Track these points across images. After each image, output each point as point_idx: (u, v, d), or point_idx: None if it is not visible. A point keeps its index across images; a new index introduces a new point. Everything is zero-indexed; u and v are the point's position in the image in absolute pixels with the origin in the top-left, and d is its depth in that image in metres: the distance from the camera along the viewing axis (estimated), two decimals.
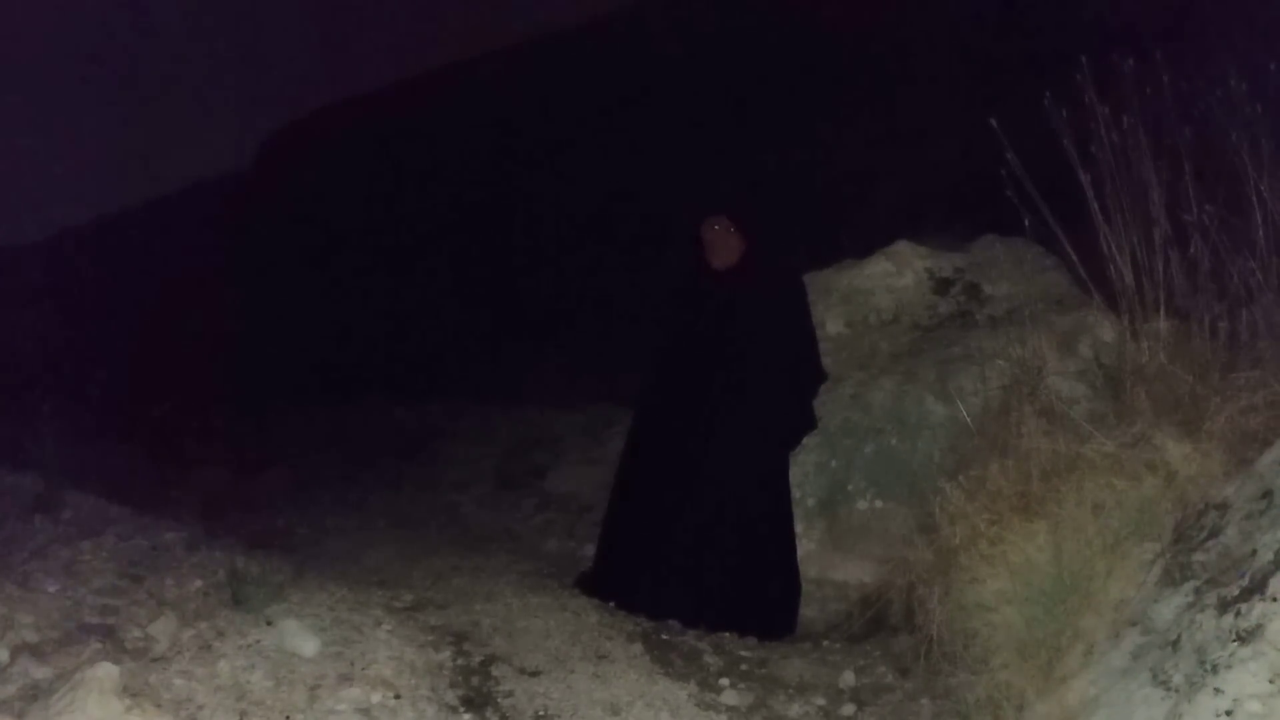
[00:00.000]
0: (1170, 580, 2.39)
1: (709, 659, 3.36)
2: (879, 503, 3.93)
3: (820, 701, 3.04)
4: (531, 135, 14.53)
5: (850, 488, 3.98)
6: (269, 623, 2.88)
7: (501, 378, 9.04)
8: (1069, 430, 2.88)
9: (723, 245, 3.96)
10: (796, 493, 3.96)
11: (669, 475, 3.86)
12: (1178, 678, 2.11)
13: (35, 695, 2.42)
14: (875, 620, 3.47)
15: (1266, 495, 2.34)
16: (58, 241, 15.98)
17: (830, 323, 4.48)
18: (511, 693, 2.87)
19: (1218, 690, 1.97)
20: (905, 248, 4.64)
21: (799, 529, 3.93)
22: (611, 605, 3.73)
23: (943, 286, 4.50)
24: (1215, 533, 2.39)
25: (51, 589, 3.04)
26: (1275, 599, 2.03)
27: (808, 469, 4.04)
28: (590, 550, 4.34)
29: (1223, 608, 2.14)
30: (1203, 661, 2.07)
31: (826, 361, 4.19)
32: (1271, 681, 1.93)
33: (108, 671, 2.31)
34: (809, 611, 3.86)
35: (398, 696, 2.69)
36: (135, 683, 2.46)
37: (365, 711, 2.60)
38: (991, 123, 3.17)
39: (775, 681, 3.20)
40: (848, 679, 3.19)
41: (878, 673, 3.22)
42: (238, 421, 8.55)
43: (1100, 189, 3.07)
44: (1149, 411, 2.83)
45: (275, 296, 13.01)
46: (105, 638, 2.75)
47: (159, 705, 2.38)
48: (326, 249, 14.25)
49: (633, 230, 11.31)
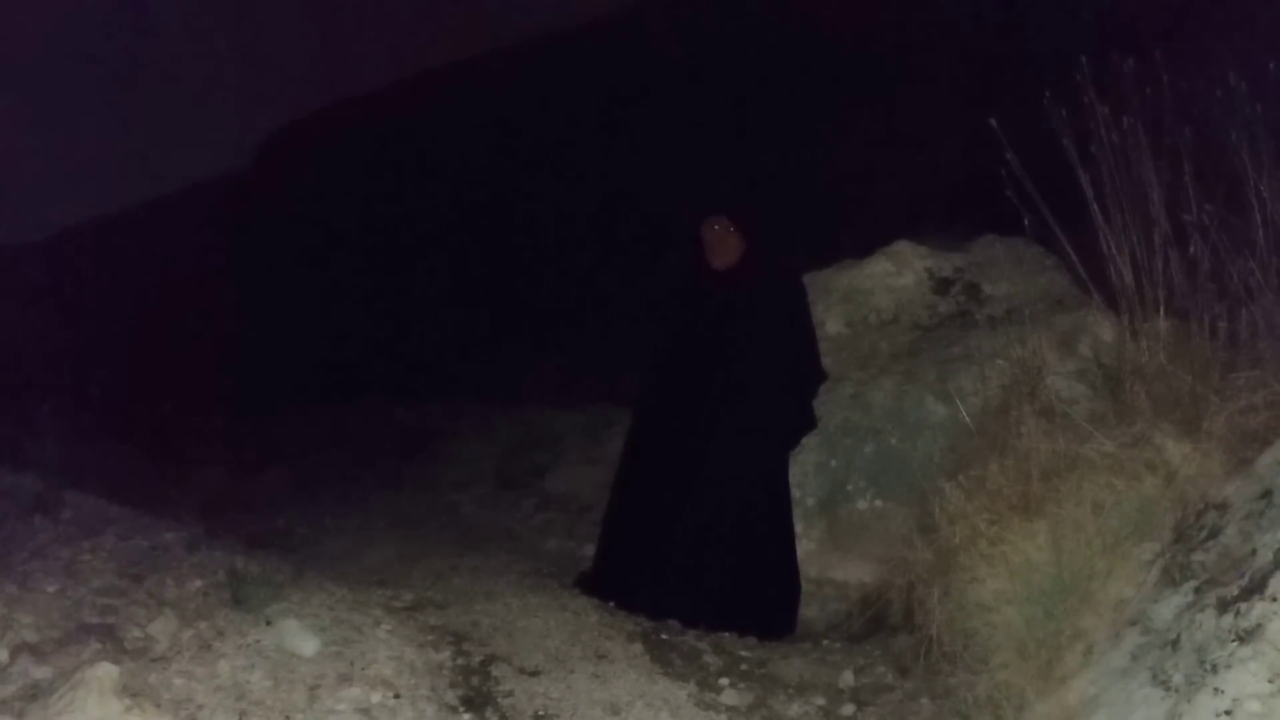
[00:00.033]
0: (1170, 580, 2.39)
1: (709, 659, 3.36)
2: (879, 503, 3.93)
3: (820, 701, 3.04)
4: (531, 135, 14.53)
5: (850, 488, 3.98)
6: (269, 622, 2.88)
7: (501, 378, 9.04)
8: (1069, 430, 2.88)
9: (723, 245, 3.96)
10: (796, 493, 3.96)
11: (669, 475, 3.86)
12: (1177, 678, 2.11)
13: (35, 695, 2.42)
14: (875, 620, 3.47)
15: (1266, 495, 2.34)
16: (58, 241, 15.97)
17: (830, 323, 4.48)
18: (511, 692, 2.87)
19: (1217, 690, 1.97)
20: (905, 248, 4.64)
21: (799, 529, 3.93)
22: (611, 605, 3.72)
23: (943, 286, 4.50)
24: (1215, 533, 2.39)
25: (51, 589, 3.03)
26: (1275, 599, 2.03)
27: (808, 469, 4.05)
28: (590, 550, 4.34)
29: (1223, 608, 2.14)
30: (1202, 661, 2.07)
31: (826, 361, 4.19)
32: (1271, 681, 1.93)
33: (107, 671, 2.31)
34: (809, 611, 3.86)
35: (397, 696, 2.69)
36: (135, 682, 2.46)
37: (365, 711, 2.60)
38: (991, 123, 3.17)
39: (775, 681, 3.20)
40: (848, 679, 3.19)
41: (877, 672, 3.22)
42: (238, 421, 8.55)
43: (1100, 189, 3.07)
44: (1149, 411, 2.83)
45: (275, 296, 13.01)
46: (105, 638, 2.74)
47: (159, 705, 2.38)
48: (326, 249, 14.24)
49: (633, 230, 11.31)
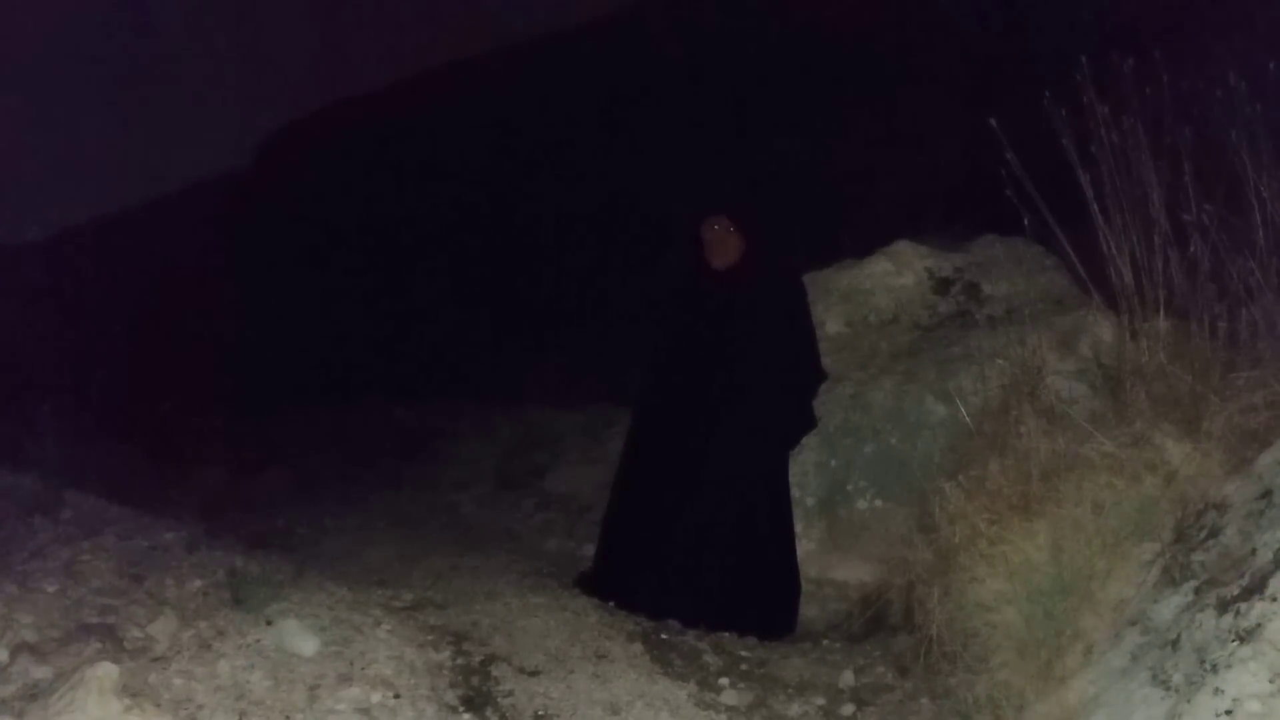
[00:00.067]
0: (1170, 580, 2.39)
1: (709, 659, 3.36)
2: (879, 502, 3.93)
3: (820, 701, 3.04)
4: (531, 135, 14.52)
5: (850, 487, 3.98)
6: (269, 622, 2.88)
7: (501, 378, 9.03)
8: (1069, 430, 2.88)
9: (723, 245, 3.96)
10: (796, 492, 3.96)
11: (669, 475, 3.86)
12: (1177, 677, 2.11)
13: (35, 695, 2.42)
14: (875, 620, 3.48)
15: (1266, 495, 2.34)
16: (58, 241, 15.95)
17: (830, 323, 4.48)
18: (511, 692, 2.87)
19: (1217, 690, 1.97)
20: (905, 247, 4.64)
21: (799, 529, 3.93)
22: (611, 605, 3.72)
23: (943, 286, 4.50)
24: (1215, 532, 2.39)
25: (51, 589, 3.03)
26: (1275, 599, 2.03)
27: (808, 469, 4.05)
28: (590, 550, 4.34)
29: (1222, 607, 2.14)
30: (1202, 661, 2.07)
31: (826, 361, 4.19)
32: (1271, 681, 1.93)
33: (107, 671, 2.31)
34: (809, 611, 3.86)
35: (397, 696, 2.69)
36: (135, 682, 2.46)
37: (365, 711, 2.60)
38: (991, 123, 3.17)
39: (775, 681, 3.20)
40: (847, 679, 3.19)
41: (877, 672, 3.22)
42: (238, 421, 8.53)
43: (1100, 189, 3.07)
44: (1149, 411, 2.83)
45: (275, 296, 12.99)
46: (105, 637, 2.74)
47: (159, 705, 2.38)
48: (326, 249, 14.23)
49: (633, 230, 11.30)
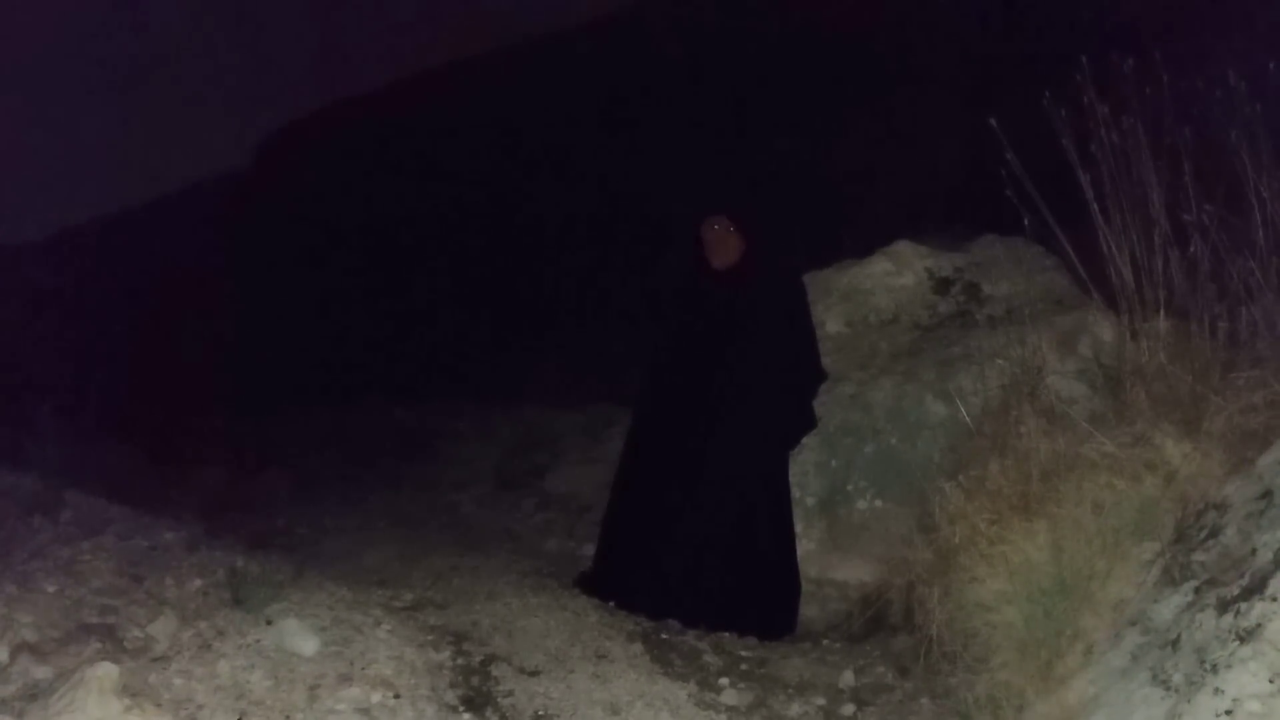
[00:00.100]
0: (1170, 580, 2.39)
1: (709, 659, 3.36)
2: (879, 503, 3.93)
3: (820, 701, 3.04)
4: (531, 135, 14.53)
5: (850, 488, 3.98)
6: (269, 622, 2.88)
7: (501, 378, 9.04)
8: (1069, 430, 2.88)
9: (723, 245, 3.96)
10: (796, 493, 3.96)
11: (669, 475, 3.86)
12: (1177, 677, 2.11)
13: (35, 695, 2.42)
14: (875, 620, 3.47)
15: (1266, 495, 2.34)
16: (58, 241, 15.96)
17: (830, 322, 4.48)
18: (511, 692, 2.87)
19: (1218, 690, 1.97)
20: (905, 247, 4.63)
21: (799, 529, 3.93)
22: (611, 605, 3.72)
23: (943, 286, 4.50)
24: (1215, 533, 2.39)
25: (51, 589, 3.03)
26: (1275, 599, 2.03)
27: (808, 469, 4.04)
28: (590, 550, 4.34)
29: (1223, 607, 2.14)
30: (1202, 661, 2.07)
31: (826, 361, 4.19)
32: (1271, 681, 1.93)
33: (107, 671, 2.31)
34: (809, 611, 3.86)
35: (397, 696, 2.69)
36: (135, 682, 2.46)
37: (365, 711, 2.60)
38: (991, 123, 3.17)
39: (775, 681, 3.20)
40: (848, 679, 3.18)
41: (877, 672, 3.22)
42: (238, 421, 8.53)
43: (1100, 189, 3.07)
44: (1149, 411, 2.83)
45: (275, 296, 13.00)
46: (105, 637, 2.74)
47: (159, 705, 2.38)
48: (326, 249, 14.23)
49: (633, 230, 11.31)
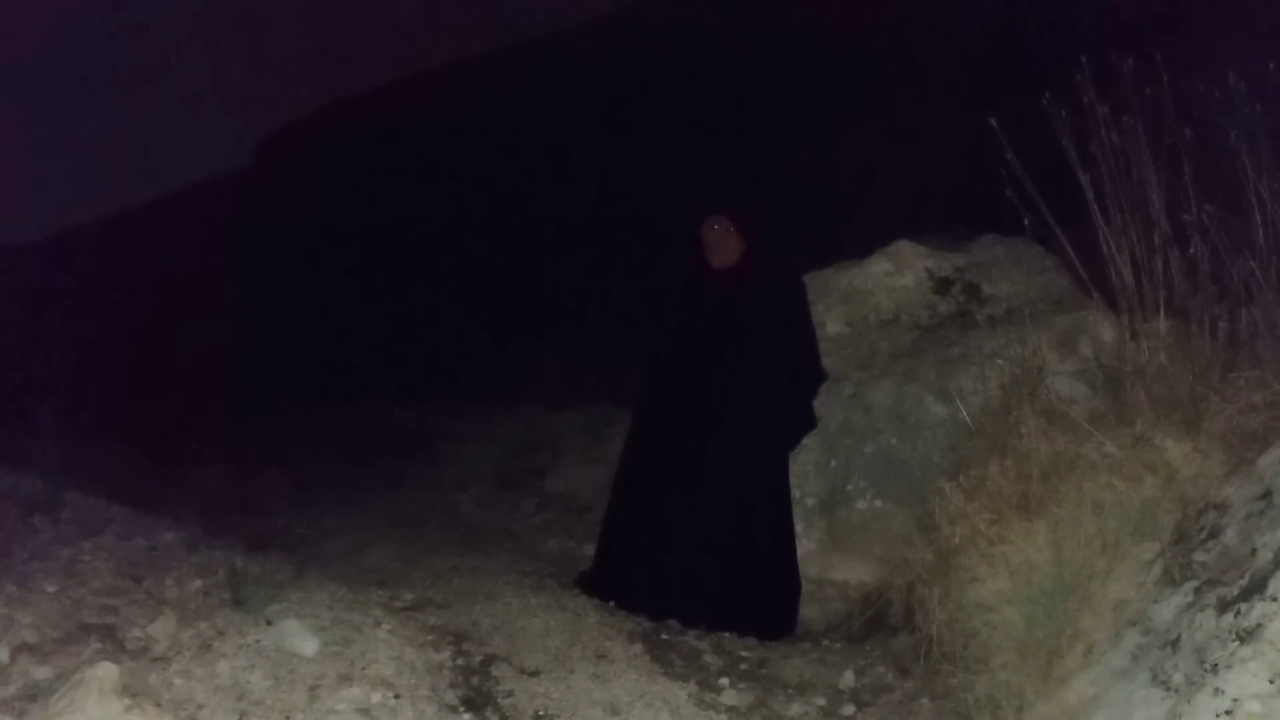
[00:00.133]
0: (1170, 580, 2.39)
1: (709, 659, 3.36)
2: (879, 503, 3.93)
3: (820, 701, 3.04)
4: (531, 135, 14.54)
5: (850, 488, 3.98)
6: (269, 622, 2.88)
7: (501, 378, 9.04)
8: (1069, 430, 2.88)
9: (723, 245, 3.96)
10: (796, 493, 3.96)
11: (669, 475, 3.86)
12: (1177, 678, 2.11)
13: (35, 695, 2.42)
14: (875, 620, 3.47)
15: (1266, 495, 2.34)
16: (58, 241, 15.97)
17: (830, 323, 4.48)
18: (511, 692, 2.87)
19: (1218, 690, 1.97)
20: (905, 248, 4.63)
21: (799, 529, 3.93)
22: (611, 605, 3.73)
23: (943, 286, 4.50)
24: (1215, 533, 2.39)
25: (51, 589, 3.03)
26: (1275, 599, 2.03)
27: (808, 469, 4.04)
28: (590, 550, 4.34)
29: (1223, 608, 2.14)
30: (1202, 661, 2.06)
31: (826, 361, 4.19)
32: (1271, 681, 1.93)
33: (108, 671, 2.31)
34: (809, 611, 3.86)
35: (397, 696, 2.69)
36: (135, 683, 2.46)
37: (365, 711, 2.60)
38: (991, 123, 3.17)
39: (775, 681, 3.20)
40: (848, 679, 3.18)
41: (878, 673, 3.22)
42: (238, 422, 8.53)
43: (1100, 189, 3.07)
44: (1149, 411, 2.83)
45: (275, 296, 13.01)
46: (105, 638, 2.75)
47: (159, 705, 2.38)
48: (326, 249, 14.24)
49: (632, 230, 11.31)
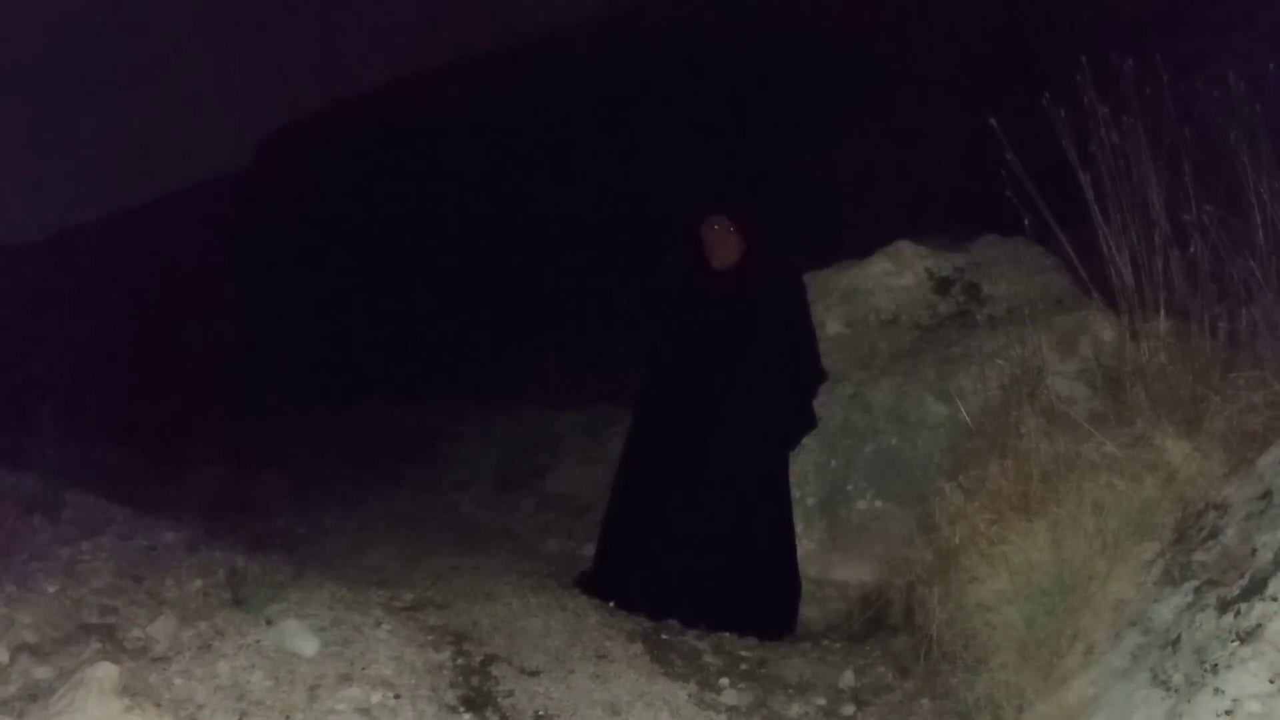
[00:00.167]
0: (1170, 580, 2.39)
1: (709, 659, 3.36)
2: (879, 503, 3.92)
3: (820, 701, 3.04)
4: (531, 135, 14.54)
5: (850, 488, 3.98)
6: (269, 622, 2.88)
7: (501, 378, 9.04)
8: (1069, 430, 2.88)
9: (722, 245, 3.96)
10: (796, 493, 3.96)
11: (669, 475, 3.86)
12: (1178, 678, 2.11)
13: (35, 695, 2.42)
14: (875, 620, 3.48)
15: (1266, 495, 2.34)
16: (58, 241, 15.98)
17: (830, 323, 4.48)
18: (511, 692, 2.87)
19: (1218, 690, 1.97)
20: (905, 248, 4.63)
21: (799, 529, 3.93)
22: (611, 605, 3.73)
23: (943, 286, 4.50)
24: (1215, 533, 2.39)
25: (51, 589, 3.03)
26: (1275, 599, 2.03)
27: (808, 469, 4.04)
28: (590, 550, 4.34)
29: (1223, 608, 2.14)
30: (1203, 661, 2.06)
31: (826, 361, 4.19)
32: (1271, 681, 1.93)
33: (108, 671, 2.31)
34: (809, 611, 3.86)
35: (397, 696, 2.69)
36: (135, 683, 2.46)
37: (365, 711, 2.60)
38: (991, 123, 3.17)
39: (775, 681, 3.20)
40: (848, 679, 3.18)
41: (878, 673, 3.22)
42: (238, 422, 8.54)
43: (1100, 189, 3.07)
44: (1149, 411, 2.83)
45: (275, 296, 13.01)
46: (105, 638, 2.75)
47: (159, 705, 2.39)
48: (326, 249, 14.25)
49: (632, 230, 11.31)
